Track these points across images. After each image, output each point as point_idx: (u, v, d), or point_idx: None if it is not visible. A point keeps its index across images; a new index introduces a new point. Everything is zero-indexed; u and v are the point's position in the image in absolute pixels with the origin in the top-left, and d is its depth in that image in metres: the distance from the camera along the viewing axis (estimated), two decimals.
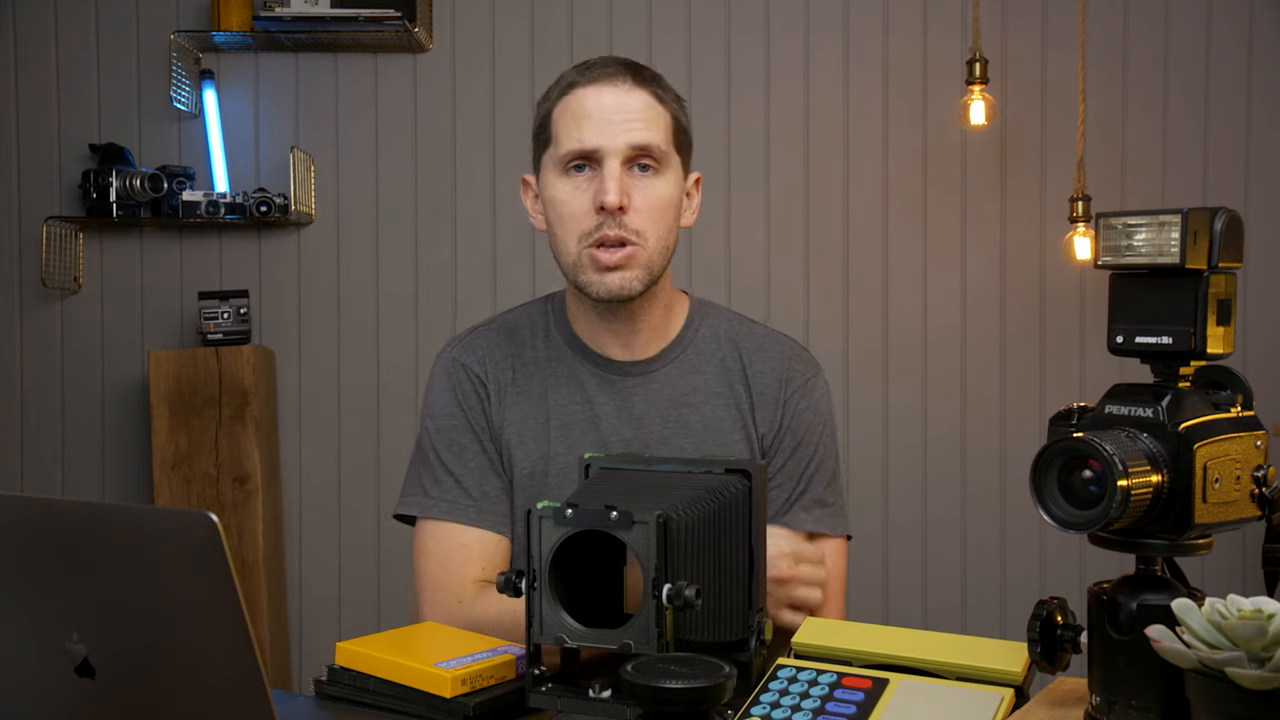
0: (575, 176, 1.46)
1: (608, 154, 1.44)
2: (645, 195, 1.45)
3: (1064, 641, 1.03)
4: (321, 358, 3.23)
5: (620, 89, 1.45)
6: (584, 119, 1.44)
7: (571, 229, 1.46)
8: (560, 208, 1.47)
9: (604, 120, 1.44)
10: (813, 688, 1.10)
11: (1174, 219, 0.95)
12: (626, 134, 1.44)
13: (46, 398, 3.24)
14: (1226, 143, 3.10)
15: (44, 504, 1.00)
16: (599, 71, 1.47)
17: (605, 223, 1.44)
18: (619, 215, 1.43)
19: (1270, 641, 0.83)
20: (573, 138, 1.45)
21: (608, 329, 1.53)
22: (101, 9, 3.21)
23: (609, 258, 1.44)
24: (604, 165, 1.44)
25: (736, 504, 1.20)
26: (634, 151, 1.44)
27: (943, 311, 3.14)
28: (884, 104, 3.16)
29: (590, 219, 1.44)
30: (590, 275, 1.46)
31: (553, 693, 1.14)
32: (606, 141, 1.44)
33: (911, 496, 3.14)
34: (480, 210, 3.20)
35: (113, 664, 0.95)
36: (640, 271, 1.46)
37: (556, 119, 1.48)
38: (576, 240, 1.46)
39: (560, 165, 1.47)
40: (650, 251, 1.46)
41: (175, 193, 3.09)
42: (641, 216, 1.45)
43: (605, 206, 1.43)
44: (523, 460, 1.51)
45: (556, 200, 1.47)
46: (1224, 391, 1.00)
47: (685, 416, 1.52)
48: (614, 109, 1.44)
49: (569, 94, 1.47)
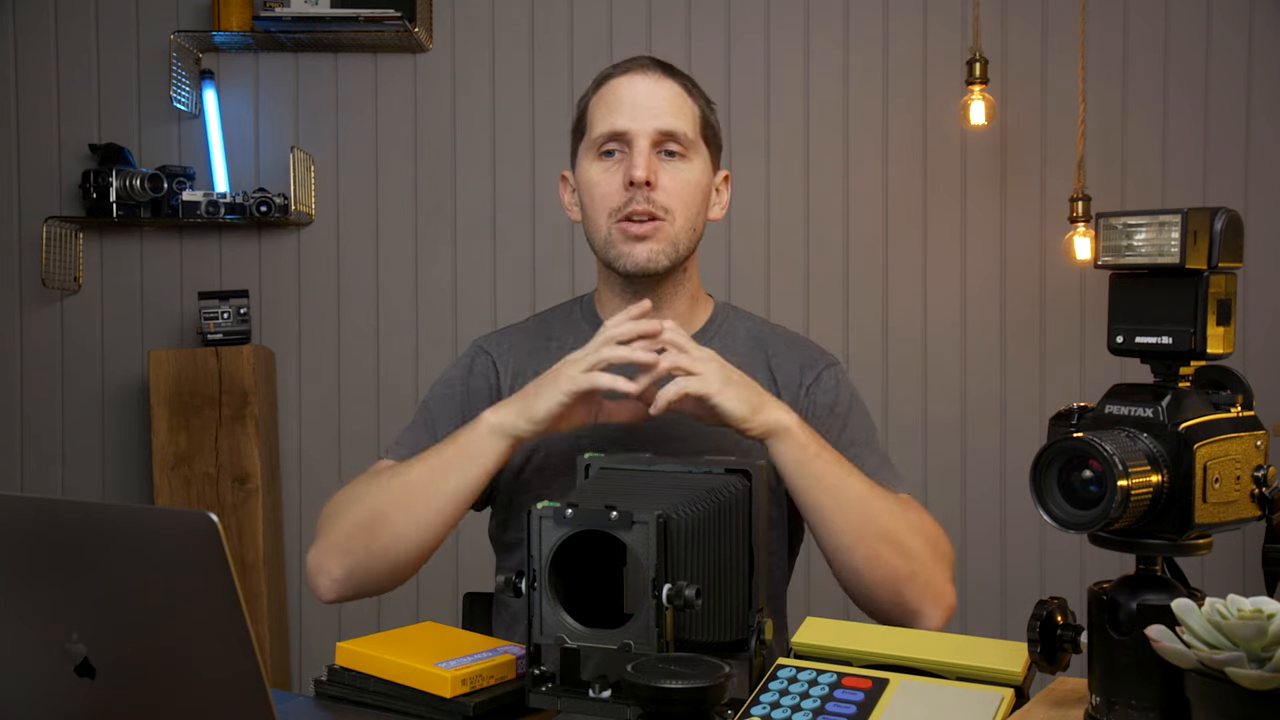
0: (606, 160, 1.54)
1: (637, 135, 1.52)
2: (672, 177, 1.53)
3: (1064, 641, 1.03)
4: (321, 358, 3.23)
5: (650, 78, 1.55)
6: (616, 105, 1.53)
7: (601, 207, 1.54)
8: (592, 189, 1.55)
9: (634, 105, 1.53)
10: (813, 688, 1.10)
11: (1174, 219, 0.95)
12: (655, 119, 1.52)
13: (46, 398, 3.24)
14: (1226, 143, 3.10)
15: (44, 504, 1.00)
16: (631, 63, 1.57)
17: (634, 198, 1.51)
18: (646, 190, 1.50)
19: (1270, 641, 0.83)
20: (605, 121, 1.54)
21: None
22: (101, 9, 3.21)
23: (637, 229, 1.51)
24: (633, 145, 1.52)
25: (736, 504, 1.20)
26: (661, 136, 1.52)
27: (943, 311, 3.14)
28: (884, 104, 3.16)
29: (620, 195, 1.52)
30: (620, 248, 1.53)
31: (553, 693, 1.14)
32: (636, 125, 1.52)
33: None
34: (480, 210, 3.20)
35: (113, 664, 0.95)
36: (667, 246, 1.53)
37: (592, 109, 1.57)
38: (606, 216, 1.53)
39: (594, 150, 1.55)
40: (677, 229, 1.53)
41: (175, 193, 3.09)
42: (669, 195, 1.53)
43: (634, 181, 1.50)
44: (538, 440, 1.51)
45: (589, 183, 1.55)
46: (1224, 391, 1.00)
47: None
48: (644, 95, 1.53)
49: (604, 85, 1.57)
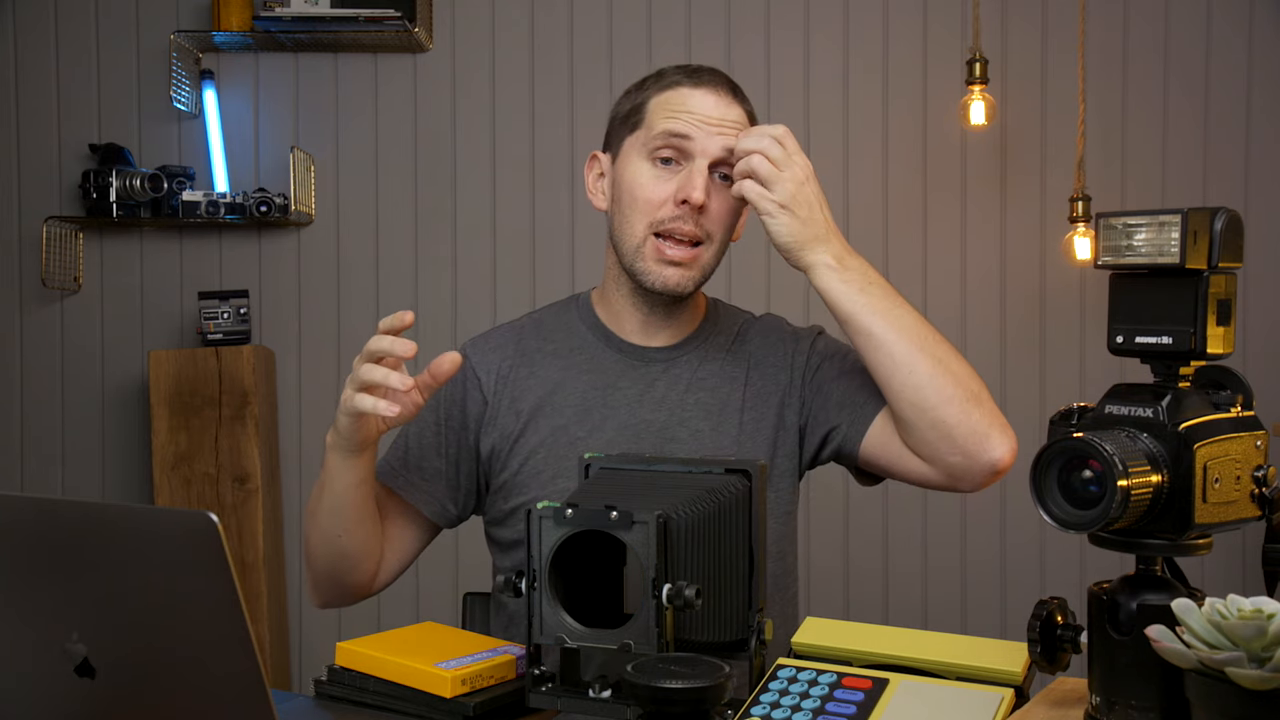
0: (660, 167, 1.50)
1: (699, 152, 1.48)
2: (723, 200, 1.50)
3: (1064, 641, 1.03)
4: (321, 358, 3.23)
5: (723, 99, 1.51)
6: (685, 113, 1.49)
7: (643, 212, 1.50)
8: (637, 190, 1.50)
9: (703, 120, 1.48)
10: (813, 688, 1.10)
11: (1174, 219, 0.95)
12: (722, 138, 1.48)
13: (46, 398, 3.24)
14: (1226, 143, 3.10)
15: (44, 504, 1.00)
16: (706, 77, 1.52)
17: (683, 216, 1.48)
18: (696, 214, 1.48)
19: (1270, 641, 0.83)
20: (672, 123, 1.49)
21: (641, 316, 1.57)
22: (101, 9, 3.21)
23: (676, 253, 1.49)
24: (694, 162, 1.48)
25: (736, 504, 1.20)
26: (723, 154, 1.48)
27: (943, 311, 3.14)
28: (884, 104, 3.16)
29: (668, 209, 1.48)
30: (650, 264, 1.50)
31: (553, 693, 1.14)
32: (702, 139, 1.48)
33: (912, 497, 3.14)
34: (480, 210, 3.20)
35: (113, 664, 0.95)
36: (698, 273, 1.51)
37: (654, 108, 1.52)
38: (646, 225, 1.50)
39: (648, 151, 1.50)
40: (711, 254, 1.52)
41: (175, 193, 3.09)
42: (714, 220, 1.50)
43: (689, 201, 1.47)
44: (535, 442, 1.53)
45: (636, 183, 1.51)
46: (1224, 391, 1.00)
47: (704, 399, 1.55)
48: (713, 113, 1.49)
49: (674, 89, 1.51)
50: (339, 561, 1.51)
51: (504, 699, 1.20)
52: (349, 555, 1.50)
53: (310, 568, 1.55)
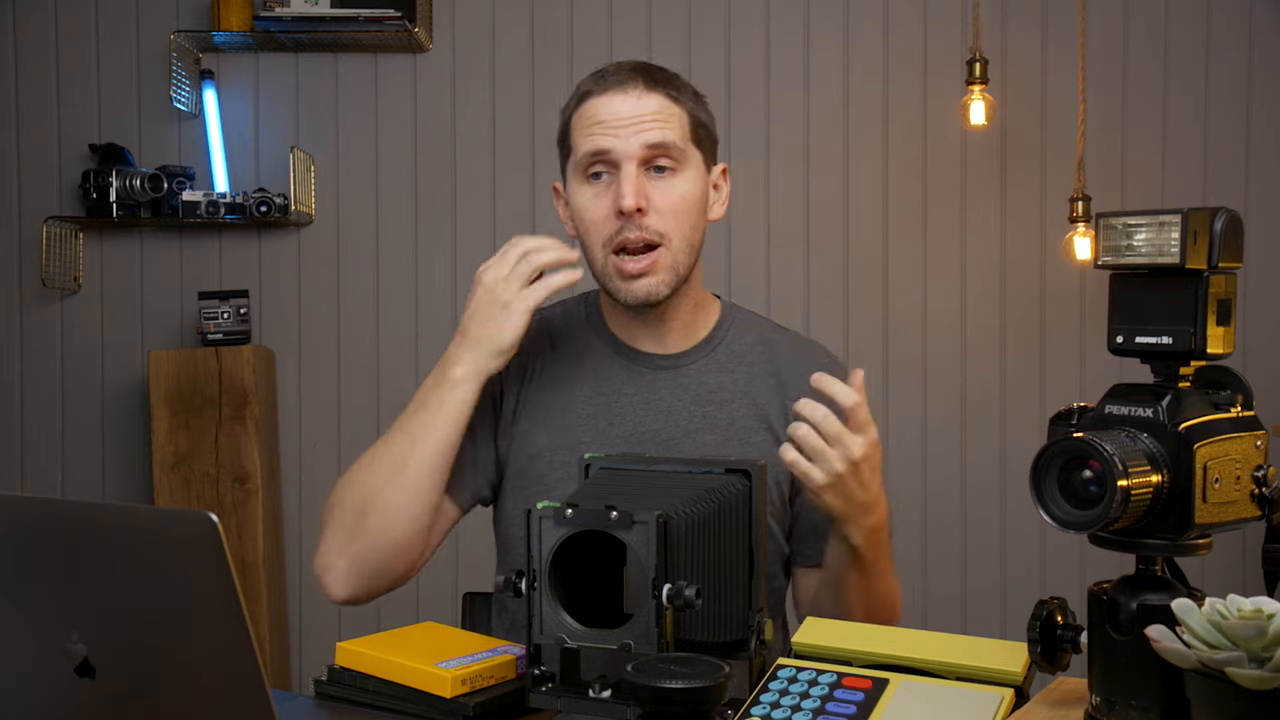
0: (595, 183, 1.48)
1: (623, 157, 1.45)
2: (665, 195, 1.47)
3: (1064, 641, 1.03)
4: (321, 358, 3.23)
5: (632, 95, 1.47)
6: (597, 125, 1.46)
7: (595, 236, 1.48)
8: (583, 214, 1.49)
9: (618, 124, 1.46)
10: (813, 688, 1.10)
11: (1174, 219, 0.95)
12: (640, 135, 1.45)
13: (46, 398, 3.23)
14: (1226, 143, 3.10)
15: (44, 504, 1.01)
16: (612, 79, 1.49)
17: (625, 226, 1.45)
18: (638, 218, 1.45)
19: (1270, 641, 0.83)
20: (588, 142, 1.47)
21: (640, 324, 1.55)
22: (101, 9, 3.21)
23: (633, 266, 1.46)
24: (620, 169, 1.45)
25: (736, 504, 1.20)
26: (650, 152, 1.46)
27: (943, 311, 3.14)
28: (884, 104, 3.16)
29: (611, 224, 1.46)
30: (617, 283, 1.48)
31: (553, 693, 1.14)
32: (620, 145, 1.45)
33: (912, 496, 3.14)
34: (480, 210, 3.20)
35: (113, 664, 0.95)
36: (666, 275, 1.48)
37: (575, 127, 1.50)
38: (601, 247, 1.48)
39: (580, 172, 1.49)
40: (675, 252, 1.48)
41: (175, 193, 3.09)
42: (662, 217, 1.46)
43: (623, 210, 1.44)
44: (541, 445, 1.52)
45: (579, 208, 1.50)
46: (1224, 391, 1.00)
47: (712, 413, 1.53)
48: (627, 114, 1.46)
49: (584, 102, 1.49)
50: (409, 527, 1.43)
51: (504, 699, 1.20)
52: (420, 519, 1.43)
53: (353, 549, 1.44)
